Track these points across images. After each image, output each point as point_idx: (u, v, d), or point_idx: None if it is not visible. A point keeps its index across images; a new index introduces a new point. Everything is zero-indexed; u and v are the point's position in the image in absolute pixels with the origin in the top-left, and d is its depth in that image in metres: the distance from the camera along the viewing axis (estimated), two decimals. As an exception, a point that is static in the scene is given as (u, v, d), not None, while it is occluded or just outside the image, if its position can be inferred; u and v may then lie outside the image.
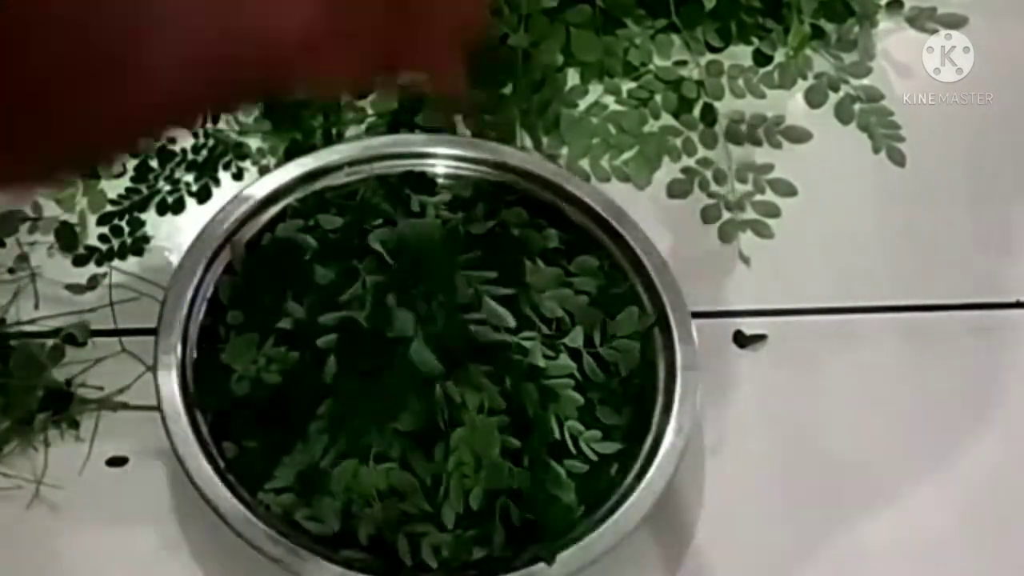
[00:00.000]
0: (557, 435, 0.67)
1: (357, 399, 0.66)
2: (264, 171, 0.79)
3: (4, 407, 0.70)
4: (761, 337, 0.78)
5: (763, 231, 0.82)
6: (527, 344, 0.69)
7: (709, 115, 0.87)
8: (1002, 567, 0.72)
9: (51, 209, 0.79)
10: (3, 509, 0.68)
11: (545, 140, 0.84)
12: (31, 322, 0.74)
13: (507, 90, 0.83)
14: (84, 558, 0.68)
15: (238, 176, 0.81)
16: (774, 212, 0.83)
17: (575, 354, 0.70)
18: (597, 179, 0.83)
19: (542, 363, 0.68)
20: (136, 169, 0.81)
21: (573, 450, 0.67)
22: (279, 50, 0.49)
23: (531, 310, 0.70)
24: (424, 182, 0.76)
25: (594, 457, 0.68)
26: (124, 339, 0.73)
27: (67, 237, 0.77)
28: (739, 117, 0.87)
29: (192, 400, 0.67)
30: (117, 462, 0.70)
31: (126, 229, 0.79)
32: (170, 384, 0.67)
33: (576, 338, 0.70)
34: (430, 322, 0.68)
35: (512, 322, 0.69)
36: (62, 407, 0.71)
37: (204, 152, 0.82)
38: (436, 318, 0.68)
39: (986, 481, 0.75)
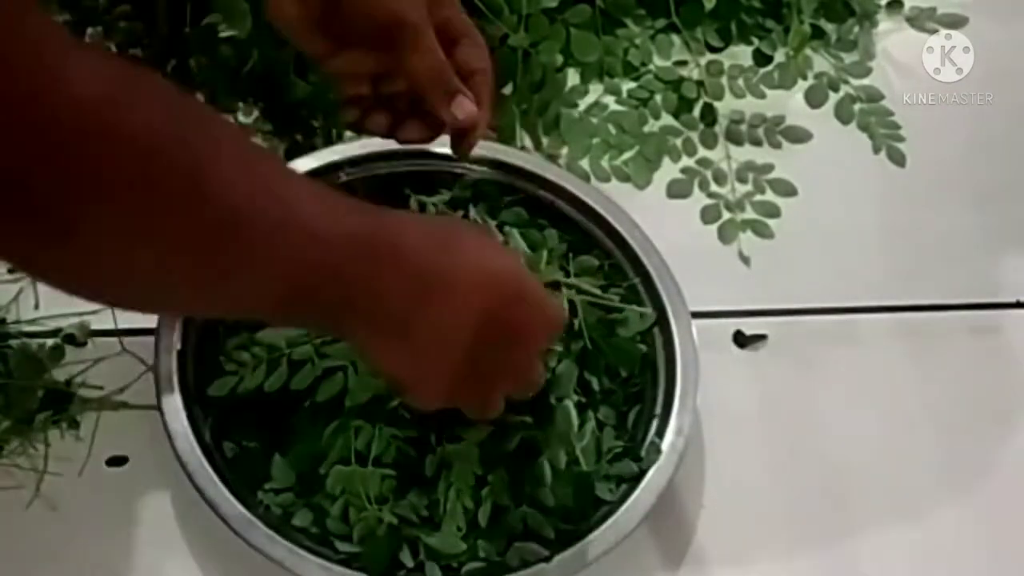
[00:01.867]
0: (556, 438, 0.67)
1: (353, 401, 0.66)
2: (264, 171, 0.79)
3: (4, 407, 0.70)
4: (761, 337, 0.78)
5: (763, 231, 0.82)
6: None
7: (709, 115, 0.87)
8: (1001, 565, 0.72)
9: (51, 209, 0.79)
10: (3, 509, 0.68)
11: (545, 140, 0.84)
12: (31, 322, 0.74)
13: (507, 90, 0.83)
14: (84, 558, 0.68)
15: (238, 176, 0.81)
16: (774, 212, 0.83)
17: (575, 354, 0.70)
18: (597, 179, 0.83)
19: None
20: (136, 169, 0.81)
21: (572, 452, 0.67)
22: None
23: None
24: (424, 182, 0.76)
25: (594, 459, 0.68)
26: (124, 339, 0.73)
27: (67, 237, 0.77)
28: (739, 117, 0.87)
29: (192, 400, 0.67)
30: (117, 462, 0.70)
31: (126, 229, 0.78)
32: (170, 384, 0.67)
33: (576, 338, 0.70)
34: None
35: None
36: (62, 407, 0.71)
37: (204, 152, 0.82)
38: None
39: (986, 480, 0.75)
